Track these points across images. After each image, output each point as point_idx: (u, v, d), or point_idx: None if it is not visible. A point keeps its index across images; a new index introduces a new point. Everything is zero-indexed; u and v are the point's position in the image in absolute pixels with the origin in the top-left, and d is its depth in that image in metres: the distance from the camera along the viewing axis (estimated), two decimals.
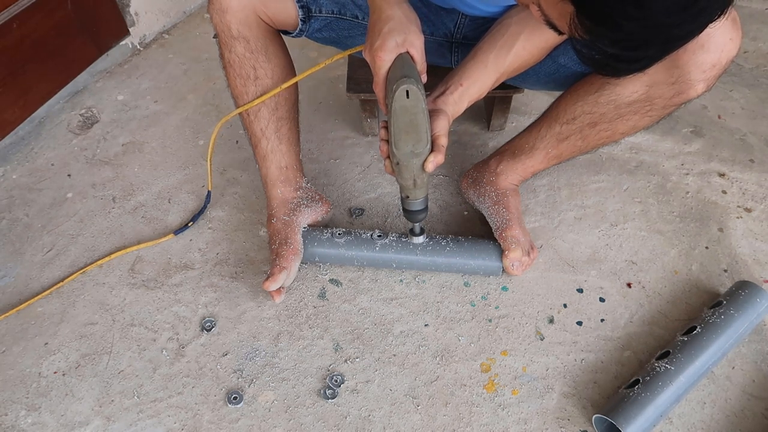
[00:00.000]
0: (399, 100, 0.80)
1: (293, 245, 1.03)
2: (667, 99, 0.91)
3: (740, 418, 0.89)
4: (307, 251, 1.06)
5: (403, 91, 0.79)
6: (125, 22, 1.57)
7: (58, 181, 1.29)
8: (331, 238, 1.06)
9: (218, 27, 0.96)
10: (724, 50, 0.84)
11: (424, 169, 0.84)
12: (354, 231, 1.08)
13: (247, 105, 1.01)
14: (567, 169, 1.27)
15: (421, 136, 0.81)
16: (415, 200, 0.90)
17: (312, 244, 1.06)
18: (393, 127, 0.82)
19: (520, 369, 0.96)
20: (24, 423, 0.91)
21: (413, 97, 0.79)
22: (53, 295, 1.08)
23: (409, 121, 0.81)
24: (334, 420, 0.91)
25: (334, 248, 1.06)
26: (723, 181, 1.24)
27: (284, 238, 1.04)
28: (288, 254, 1.02)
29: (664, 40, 0.55)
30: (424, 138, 0.81)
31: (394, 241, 1.06)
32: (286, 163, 1.08)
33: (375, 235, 1.07)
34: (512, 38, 0.90)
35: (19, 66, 1.29)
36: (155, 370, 0.97)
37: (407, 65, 0.82)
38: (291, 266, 1.01)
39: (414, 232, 0.99)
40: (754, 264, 1.08)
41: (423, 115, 0.81)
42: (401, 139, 0.82)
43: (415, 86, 0.79)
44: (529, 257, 1.05)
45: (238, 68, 0.99)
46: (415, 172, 0.84)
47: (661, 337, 0.99)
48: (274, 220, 1.08)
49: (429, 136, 0.82)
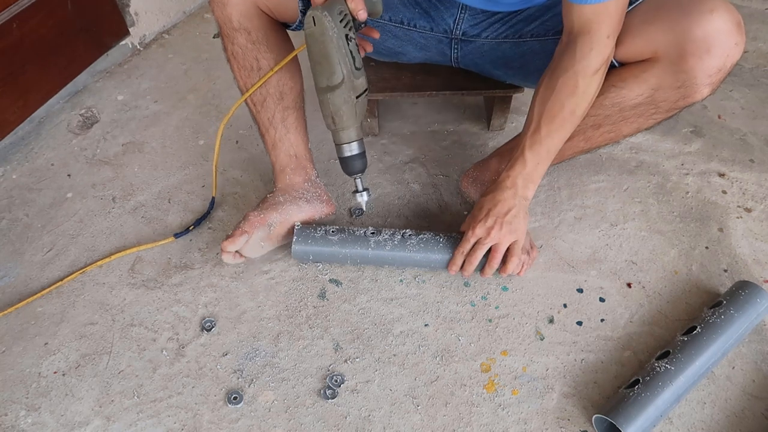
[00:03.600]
0: (307, 28, 0.75)
1: (263, 216, 1.04)
2: (672, 102, 0.91)
3: (740, 418, 0.89)
4: (300, 249, 1.06)
5: (310, 18, 0.74)
6: (125, 22, 1.58)
7: (58, 181, 1.29)
8: (325, 235, 1.06)
9: (220, 20, 0.97)
10: (729, 55, 0.84)
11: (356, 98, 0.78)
12: (348, 228, 1.08)
13: (245, 95, 1.02)
14: (567, 169, 1.27)
15: (334, 69, 0.76)
16: (341, 144, 0.84)
17: (306, 241, 1.05)
18: (309, 61, 0.78)
19: (520, 369, 0.96)
20: (24, 423, 0.91)
21: (319, 24, 0.74)
22: (53, 295, 1.08)
23: (319, 51, 0.76)
24: (334, 420, 0.91)
25: (327, 246, 1.05)
26: (723, 181, 1.24)
27: (262, 209, 1.05)
28: (255, 222, 1.03)
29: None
30: (338, 71, 0.76)
31: (388, 238, 1.05)
32: (295, 152, 1.09)
33: (368, 233, 1.06)
34: None
35: (19, 66, 1.29)
36: (155, 370, 0.97)
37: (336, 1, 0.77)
38: (253, 233, 1.02)
39: (356, 189, 0.93)
40: (754, 264, 1.08)
41: (334, 46, 0.76)
42: (316, 71, 0.77)
43: (320, 12, 0.74)
44: (528, 256, 1.05)
45: (241, 60, 1.00)
46: (332, 108, 0.79)
47: (661, 337, 0.99)
48: (271, 194, 1.09)
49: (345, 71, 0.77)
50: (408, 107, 1.45)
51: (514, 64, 1.09)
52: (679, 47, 0.85)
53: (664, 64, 0.88)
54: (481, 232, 0.98)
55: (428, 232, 1.07)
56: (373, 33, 0.92)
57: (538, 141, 0.94)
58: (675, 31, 0.84)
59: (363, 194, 0.94)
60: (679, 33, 0.84)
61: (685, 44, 0.84)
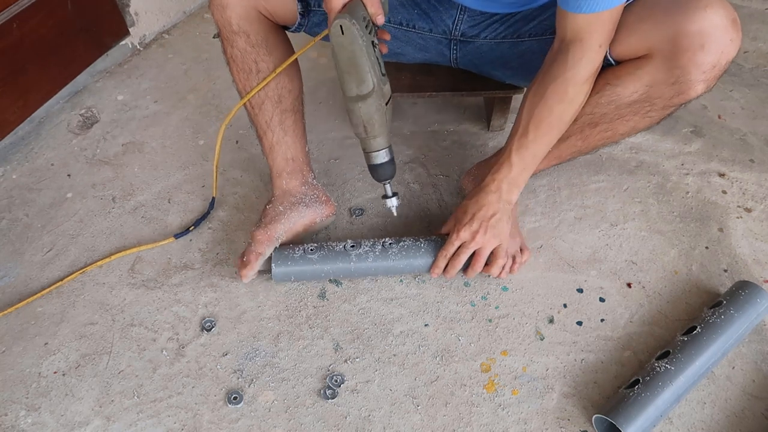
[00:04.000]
0: (334, 37, 0.73)
1: (270, 232, 1.04)
2: (667, 99, 0.91)
3: (740, 418, 0.89)
4: (281, 271, 1.03)
5: (337, 26, 0.73)
6: (125, 22, 1.58)
7: (58, 181, 1.29)
8: (304, 254, 1.04)
9: (219, 22, 0.97)
10: (724, 51, 0.84)
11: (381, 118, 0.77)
12: (326, 244, 1.05)
13: (245, 98, 1.02)
14: (567, 169, 1.27)
15: (364, 77, 0.75)
16: (372, 152, 0.83)
17: (285, 263, 1.03)
18: (337, 70, 0.77)
19: (520, 369, 0.96)
20: (24, 423, 0.91)
21: (347, 33, 0.73)
22: (53, 295, 1.08)
23: (348, 60, 0.75)
24: (334, 420, 0.91)
25: (308, 265, 1.03)
26: (723, 181, 1.24)
27: (266, 224, 1.05)
28: (263, 240, 1.03)
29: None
30: (368, 79, 0.75)
31: (368, 249, 1.04)
32: (292, 155, 1.09)
33: (348, 246, 1.04)
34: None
35: (19, 66, 1.29)
36: (155, 370, 0.97)
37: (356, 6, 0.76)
38: (265, 251, 1.03)
39: (386, 194, 0.93)
40: (754, 264, 1.08)
41: (362, 54, 0.74)
42: (344, 80, 0.76)
43: (348, 21, 0.72)
44: (514, 261, 1.05)
45: (240, 63, 1.00)
46: (364, 117, 0.78)
47: (661, 337, 0.99)
48: (269, 206, 1.09)
49: (376, 79, 0.76)
50: (408, 107, 1.45)
51: (512, 63, 1.09)
52: (673, 43, 0.85)
53: (658, 61, 0.88)
54: (466, 236, 0.98)
55: (409, 238, 1.06)
56: (385, 35, 0.92)
57: (524, 145, 0.95)
58: (669, 26, 0.84)
59: (393, 199, 0.95)
60: (673, 28, 0.84)
61: (679, 40, 0.84)
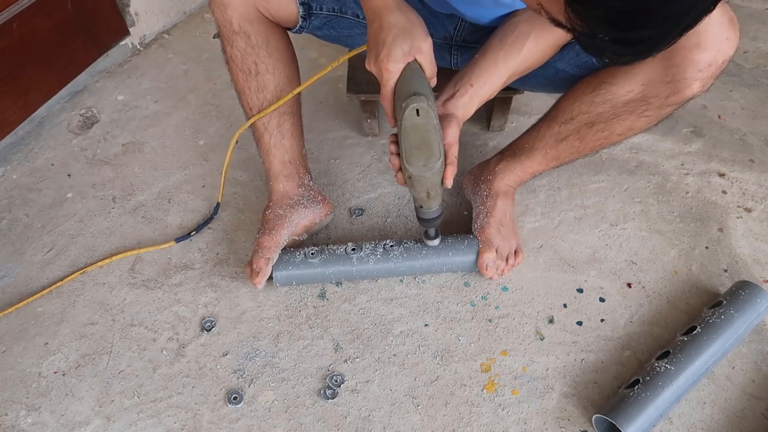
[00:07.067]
0: (409, 119, 0.78)
1: (275, 237, 1.04)
2: (662, 98, 0.91)
3: (740, 418, 0.89)
4: (282, 276, 1.04)
5: (413, 110, 0.77)
6: (125, 22, 1.57)
7: (58, 181, 1.29)
8: (305, 259, 1.04)
9: (220, 22, 0.97)
10: (720, 49, 0.83)
11: (442, 184, 0.83)
12: (327, 248, 1.06)
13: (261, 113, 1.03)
14: (567, 169, 1.26)
15: (434, 151, 0.80)
16: (430, 209, 0.89)
17: (286, 267, 1.03)
18: (404, 144, 0.80)
19: (520, 369, 0.96)
20: (24, 423, 0.91)
21: (424, 115, 0.77)
22: (53, 295, 1.08)
23: (421, 139, 0.79)
24: (334, 420, 0.91)
25: (309, 269, 1.04)
26: (723, 181, 1.24)
27: (270, 229, 1.05)
28: (270, 245, 1.03)
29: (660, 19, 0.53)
30: (436, 153, 0.80)
31: (369, 252, 1.04)
32: (289, 158, 1.09)
33: (349, 249, 1.05)
34: (522, 37, 0.89)
35: (19, 66, 1.29)
36: (155, 370, 0.97)
37: (416, 76, 0.79)
38: (273, 256, 1.03)
39: (429, 236, 0.99)
40: (754, 264, 1.08)
41: (435, 131, 0.79)
42: (413, 155, 0.80)
43: (425, 104, 0.77)
44: (506, 262, 1.05)
45: (240, 63, 1.00)
46: (428, 185, 0.83)
47: (661, 337, 0.99)
48: (269, 211, 1.09)
49: (441, 150, 0.80)
50: None
51: None
52: None
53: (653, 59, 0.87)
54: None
55: (409, 240, 1.07)
56: None
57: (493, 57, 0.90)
58: None
59: (435, 240, 1.01)
60: None
61: None
